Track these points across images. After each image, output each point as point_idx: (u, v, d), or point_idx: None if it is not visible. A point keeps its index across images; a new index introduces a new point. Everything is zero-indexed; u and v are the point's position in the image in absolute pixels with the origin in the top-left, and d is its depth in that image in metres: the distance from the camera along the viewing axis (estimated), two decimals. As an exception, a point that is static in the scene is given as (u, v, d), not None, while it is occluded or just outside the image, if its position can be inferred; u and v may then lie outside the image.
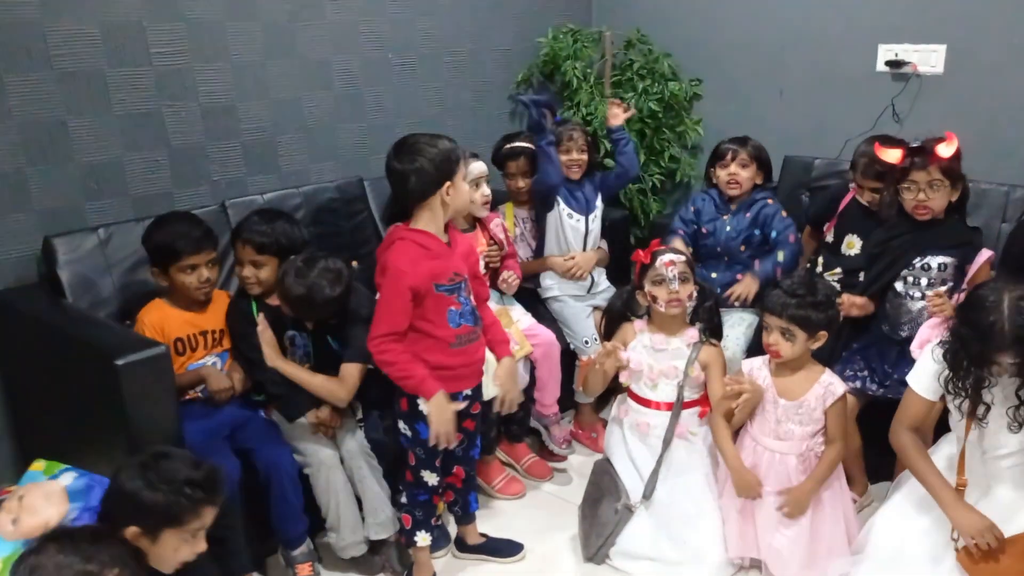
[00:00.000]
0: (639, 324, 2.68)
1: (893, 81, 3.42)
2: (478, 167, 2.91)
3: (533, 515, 2.88)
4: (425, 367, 2.28)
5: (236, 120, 3.10)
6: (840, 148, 3.47)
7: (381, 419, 2.61)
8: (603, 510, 2.59)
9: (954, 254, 2.68)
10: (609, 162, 3.67)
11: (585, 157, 3.22)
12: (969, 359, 1.99)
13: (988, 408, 2.02)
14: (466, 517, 2.66)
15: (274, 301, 2.54)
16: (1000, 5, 3.14)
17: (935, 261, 2.68)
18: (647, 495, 2.54)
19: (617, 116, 3.27)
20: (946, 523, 2.08)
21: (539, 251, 3.27)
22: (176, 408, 2.24)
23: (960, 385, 2.03)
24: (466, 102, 3.84)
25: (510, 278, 3.01)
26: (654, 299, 2.58)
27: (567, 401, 3.22)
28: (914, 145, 2.67)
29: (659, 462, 2.56)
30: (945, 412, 2.19)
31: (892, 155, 2.69)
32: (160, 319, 2.49)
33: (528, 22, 3.97)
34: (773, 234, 3.10)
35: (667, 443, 2.57)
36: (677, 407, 2.57)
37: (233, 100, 3.08)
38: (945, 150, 2.59)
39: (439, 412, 2.29)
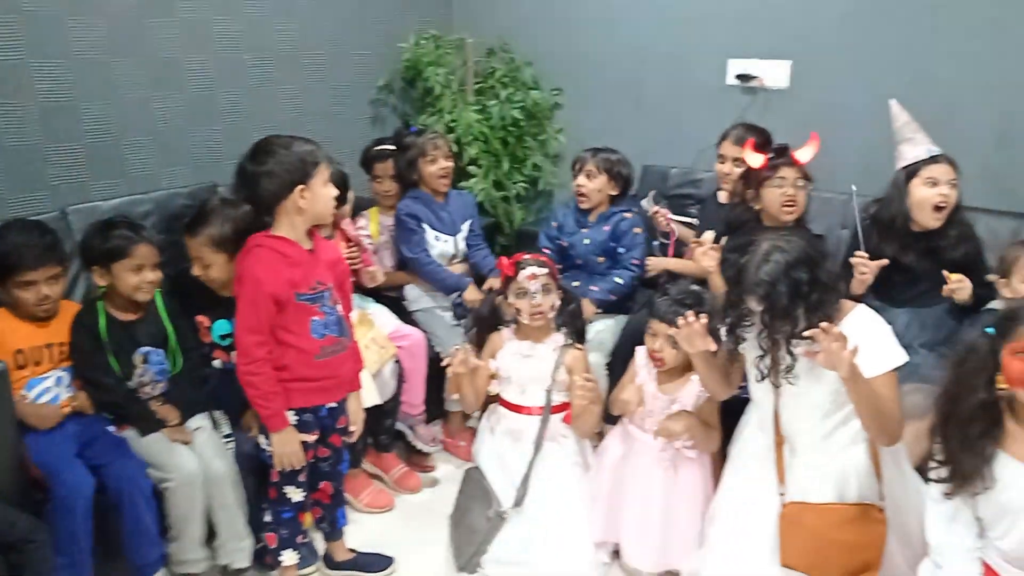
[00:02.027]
0: (507, 332, 2.70)
1: (743, 94, 3.58)
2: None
3: (403, 527, 2.83)
4: (283, 392, 2.23)
5: (78, 121, 2.91)
6: (694, 157, 3.60)
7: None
8: (475, 519, 2.57)
9: None
10: (473, 169, 3.69)
11: (451, 164, 3.21)
12: (728, 303, 2.15)
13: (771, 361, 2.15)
14: (334, 533, 2.58)
15: (125, 315, 2.40)
16: (840, 25, 3.34)
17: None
18: (519, 502, 2.54)
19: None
20: (771, 491, 2.19)
21: (403, 261, 3.24)
22: (14, 423, 2.09)
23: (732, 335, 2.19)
24: (326, 107, 3.75)
25: (376, 272, 2.97)
26: (518, 311, 2.59)
27: (436, 409, 3.19)
28: (778, 146, 2.82)
29: (530, 467, 2.57)
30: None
31: (756, 159, 2.81)
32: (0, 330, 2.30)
33: (389, 27, 3.92)
34: (621, 250, 3.13)
35: (538, 447, 2.58)
36: (547, 411, 2.60)
37: (75, 99, 2.89)
38: (804, 155, 2.75)
39: (282, 446, 2.26)
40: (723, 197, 3.18)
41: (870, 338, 2.08)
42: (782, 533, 2.18)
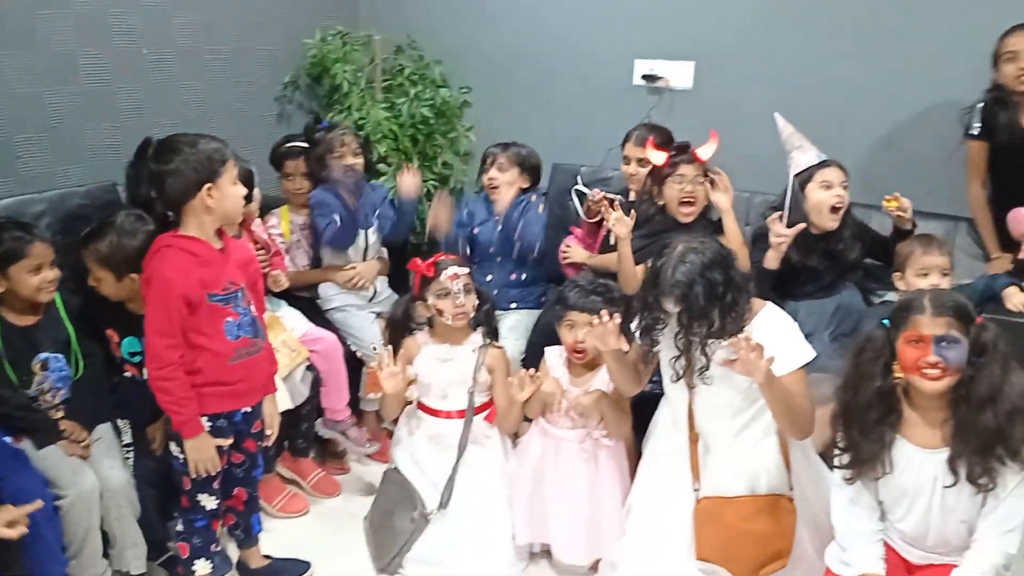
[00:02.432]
0: (422, 336, 2.68)
1: (649, 94, 3.66)
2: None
3: (319, 531, 2.79)
4: (197, 397, 2.16)
5: (-36, 117, 2.76)
6: (604, 156, 3.66)
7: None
8: (397, 520, 2.55)
9: None
10: (383, 167, 3.65)
11: (361, 160, 3.18)
12: (643, 305, 2.19)
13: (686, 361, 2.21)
14: (248, 540, 2.52)
15: (23, 320, 2.29)
16: (741, 29, 3.46)
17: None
18: (444, 504, 2.53)
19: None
20: (686, 488, 2.25)
21: (316, 260, 3.18)
22: None
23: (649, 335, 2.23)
24: (230, 104, 3.65)
25: (279, 276, 2.92)
26: (440, 312, 2.58)
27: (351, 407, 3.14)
28: (679, 144, 2.91)
29: (455, 469, 2.56)
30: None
31: (658, 157, 2.88)
32: None
33: (294, 22, 3.85)
34: (517, 231, 3.18)
35: (462, 449, 2.57)
36: (469, 413, 2.59)
37: (-39, 94, 2.74)
38: (705, 152, 2.84)
39: (197, 452, 2.20)
40: (632, 195, 3.25)
41: (779, 337, 2.16)
42: (697, 528, 2.23)
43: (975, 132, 2.91)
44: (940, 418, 1.97)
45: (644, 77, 3.63)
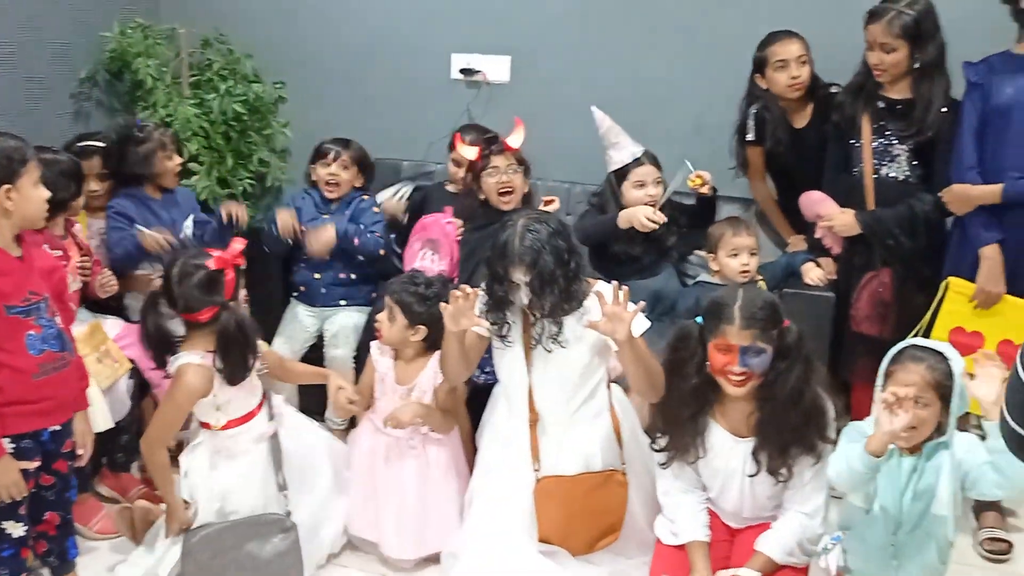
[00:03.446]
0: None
1: (467, 88, 3.70)
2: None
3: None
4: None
5: None
6: (425, 150, 3.66)
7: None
8: (266, 554, 2.36)
9: None
10: (194, 166, 3.50)
11: (179, 159, 3.07)
12: (493, 277, 2.26)
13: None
14: (64, 566, 2.34)
15: None
16: (555, 25, 3.56)
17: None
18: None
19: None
20: (526, 470, 2.30)
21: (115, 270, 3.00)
22: None
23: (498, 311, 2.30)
24: (18, 102, 3.36)
25: (107, 279, 2.77)
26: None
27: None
28: (488, 137, 3.01)
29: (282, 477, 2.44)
30: None
31: (470, 152, 2.94)
32: None
33: (88, 14, 3.59)
34: (361, 225, 3.15)
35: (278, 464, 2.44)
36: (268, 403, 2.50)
37: None
38: (514, 141, 2.92)
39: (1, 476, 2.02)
40: (452, 187, 3.29)
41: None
42: (537, 508, 2.29)
43: (751, 138, 3.15)
44: (748, 408, 2.13)
45: (462, 71, 3.67)
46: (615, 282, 2.17)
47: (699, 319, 2.14)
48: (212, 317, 2.23)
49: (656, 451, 2.24)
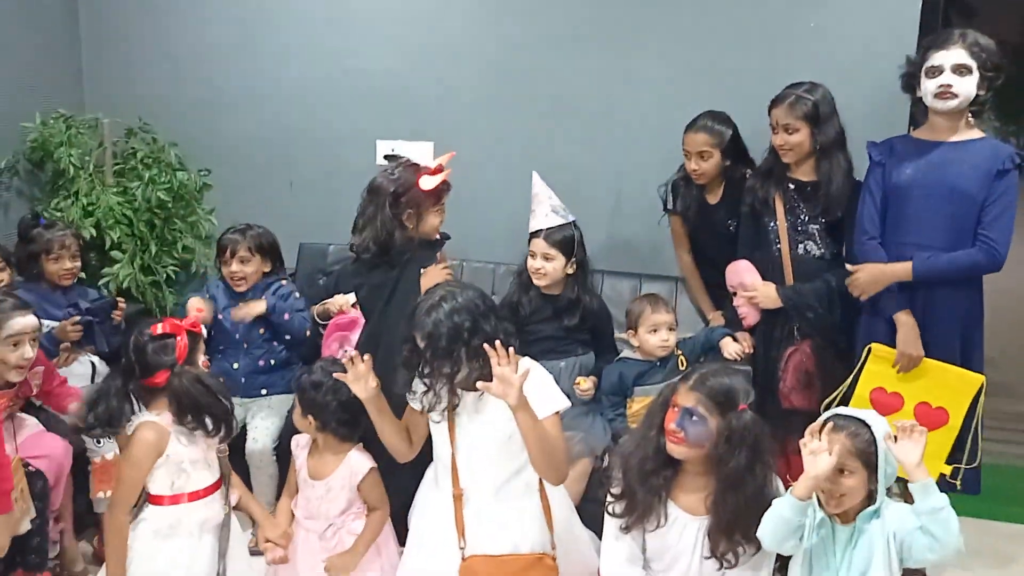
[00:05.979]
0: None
1: (392, 173, 3.73)
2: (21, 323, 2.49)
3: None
4: None
5: None
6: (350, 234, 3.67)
7: None
8: None
9: None
10: (116, 254, 3.47)
11: (79, 263, 3.09)
12: (404, 339, 2.28)
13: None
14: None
15: None
16: (472, 112, 3.69)
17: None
18: None
19: None
20: (452, 548, 2.26)
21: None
22: None
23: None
24: (-65, 192, 3.32)
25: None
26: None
27: (87, 516, 2.91)
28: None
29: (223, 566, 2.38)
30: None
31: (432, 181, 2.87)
32: None
33: (10, 105, 3.59)
34: (286, 317, 3.12)
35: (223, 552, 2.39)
36: (227, 482, 2.45)
37: None
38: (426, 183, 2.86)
39: None
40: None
41: (537, 383, 2.22)
42: None
43: (671, 208, 3.27)
44: (703, 485, 2.12)
45: (386, 156, 3.71)
46: (511, 348, 2.11)
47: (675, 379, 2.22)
48: (167, 380, 2.24)
49: (612, 516, 2.19)
